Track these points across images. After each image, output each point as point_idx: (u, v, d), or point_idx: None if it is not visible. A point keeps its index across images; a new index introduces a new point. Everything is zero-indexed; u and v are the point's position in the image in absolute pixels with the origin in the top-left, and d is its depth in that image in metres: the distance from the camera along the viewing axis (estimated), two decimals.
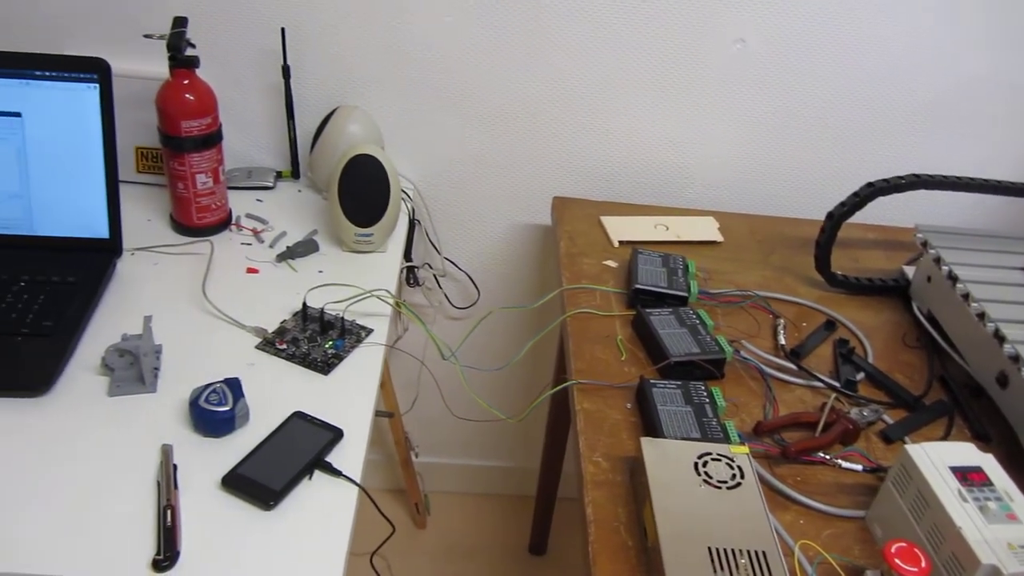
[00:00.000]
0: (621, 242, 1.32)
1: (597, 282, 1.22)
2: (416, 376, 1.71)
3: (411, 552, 1.81)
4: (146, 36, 1.17)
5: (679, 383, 0.99)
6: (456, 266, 1.57)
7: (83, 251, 1.15)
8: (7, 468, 0.86)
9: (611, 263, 1.27)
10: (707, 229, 1.37)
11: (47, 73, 1.10)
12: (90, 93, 1.11)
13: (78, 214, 1.15)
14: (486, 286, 1.61)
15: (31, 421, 0.92)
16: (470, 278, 1.59)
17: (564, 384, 1.05)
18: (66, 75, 1.10)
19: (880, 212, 1.41)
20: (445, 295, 1.61)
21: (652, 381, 0.99)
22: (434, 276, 1.58)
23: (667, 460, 0.85)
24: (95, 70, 1.10)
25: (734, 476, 0.84)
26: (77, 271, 1.11)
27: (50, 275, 1.09)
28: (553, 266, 1.59)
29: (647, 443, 0.87)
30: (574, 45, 1.35)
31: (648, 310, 1.11)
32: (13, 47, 1.28)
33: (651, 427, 0.94)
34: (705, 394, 0.98)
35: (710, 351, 1.04)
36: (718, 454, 0.86)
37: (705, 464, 0.85)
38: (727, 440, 0.91)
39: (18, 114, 1.11)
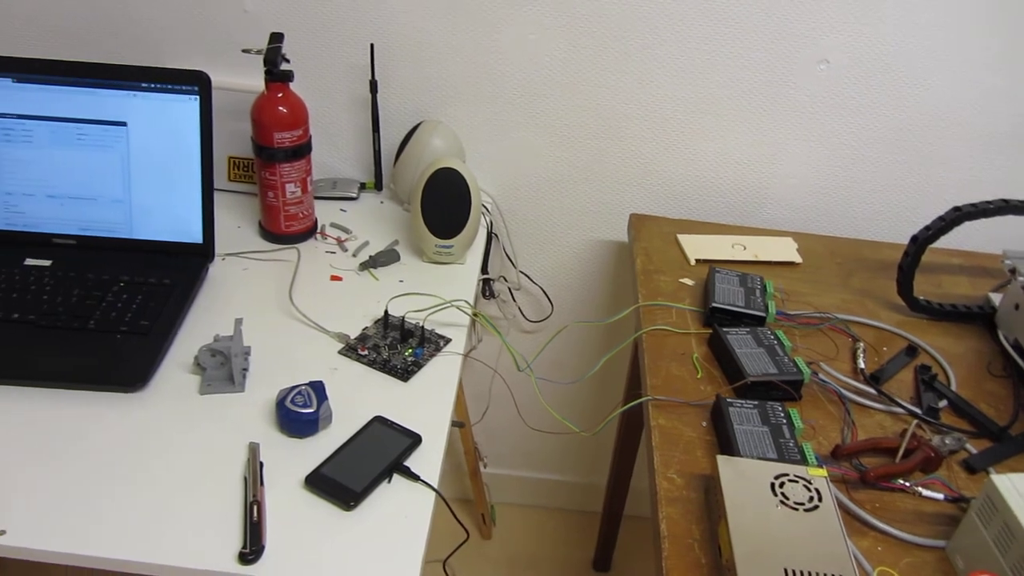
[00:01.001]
0: (698, 260, 1.32)
1: (673, 299, 1.22)
2: (487, 387, 1.73)
3: (476, 561, 1.82)
4: (244, 51, 1.22)
5: (756, 403, 0.98)
6: (531, 280, 1.59)
7: (178, 255, 1.20)
8: (105, 458, 0.91)
9: (687, 281, 1.27)
10: (785, 249, 1.36)
11: (152, 85, 1.16)
12: (191, 104, 1.16)
13: (175, 220, 1.20)
14: (559, 300, 1.62)
15: (128, 414, 0.97)
16: (544, 292, 1.61)
17: (639, 400, 1.05)
18: (169, 87, 1.16)
19: (964, 237, 1.38)
20: (519, 308, 1.62)
21: (728, 400, 0.99)
22: (509, 289, 1.60)
23: (743, 479, 0.85)
24: (196, 82, 1.16)
25: (811, 499, 0.83)
26: (172, 274, 1.16)
27: (147, 277, 1.15)
28: (628, 283, 1.59)
29: (723, 461, 0.87)
30: (657, 65, 1.36)
31: (725, 329, 1.11)
32: (120, 60, 1.36)
33: (727, 446, 0.94)
34: (782, 415, 0.97)
35: (788, 372, 1.04)
36: (796, 475, 0.86)
37: (782, 485, 0.84)
38: (804, 462, 0.91)
39: (123, 123, 1.17)
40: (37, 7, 1.40)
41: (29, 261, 1.17)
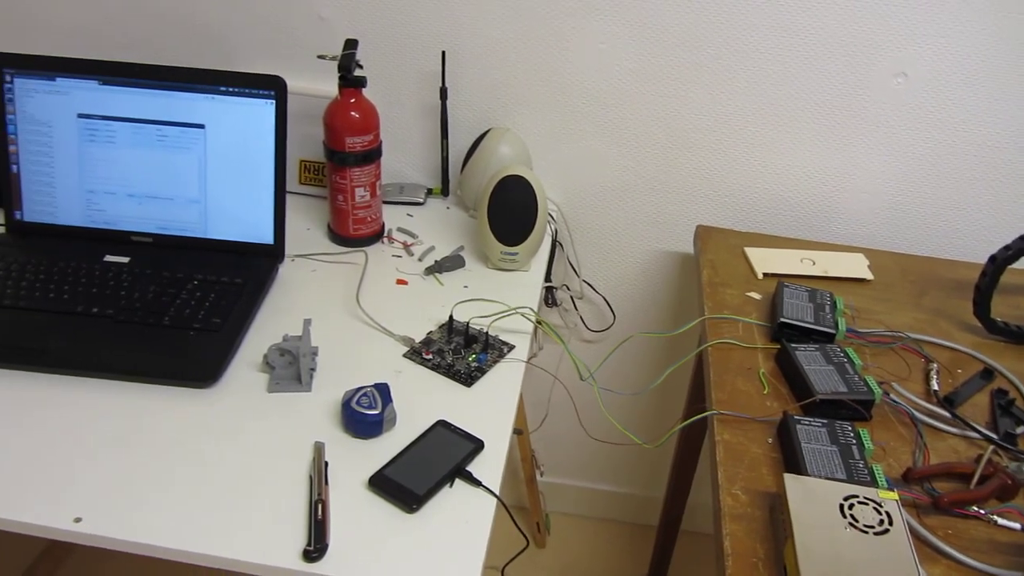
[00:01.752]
0: (765, 274, 1.30)
1: (740, 313, 1.20)
2: (546, 395, 1.73)
3: (530, 570, 1.82)
4: (320, 57, 1.25)
5: (824, 421, 0.96)
6: (593, 289, 1.59)
7: (249, 255, 1.23)
8: (176, 451, 0.93)
9: (755, 295, 1.25)
10: (856, 266, 1.33)
11: (230, 89, 1.19)
12: (267, 108, 1.19)
13: (247, 220, 1.23)
14: (622, 310, 1.61)
15: (199, 410, 0.99)
16: (606, 301, 1.60)
17: (704, 414, 1.04)
18: (247, 91, 1.19)
19: None
20: (580, 317, 1.62)
21: (796, 417, 0.97)
22: (571, 297, 1.59)
23: (811, 499, 0.83)
24: (273, 87, 1.18)
25: (882, 522, 0.81)
26: (243, 273, 1.19)
27: (220, 276, 1.17)
28: (691, 295, 1.58)
29: (790, 480, 0.85)
30: (728, 76, 1.34)
31: (793, 345, 1.09)
32: (197, 64, 1.39)
33: (794, 464, 0.92)
34: (852, 435, 0.95)
35: (858, 391, 1.01)
36: (865, 497, 0.83)
37: (851, 507, 0.82)
38: (875, 484, 0.88)
39: (202, 126, 1.20)
40: (118, 12, 1.44)
41: (108, 257, 1.20)
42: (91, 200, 1.23)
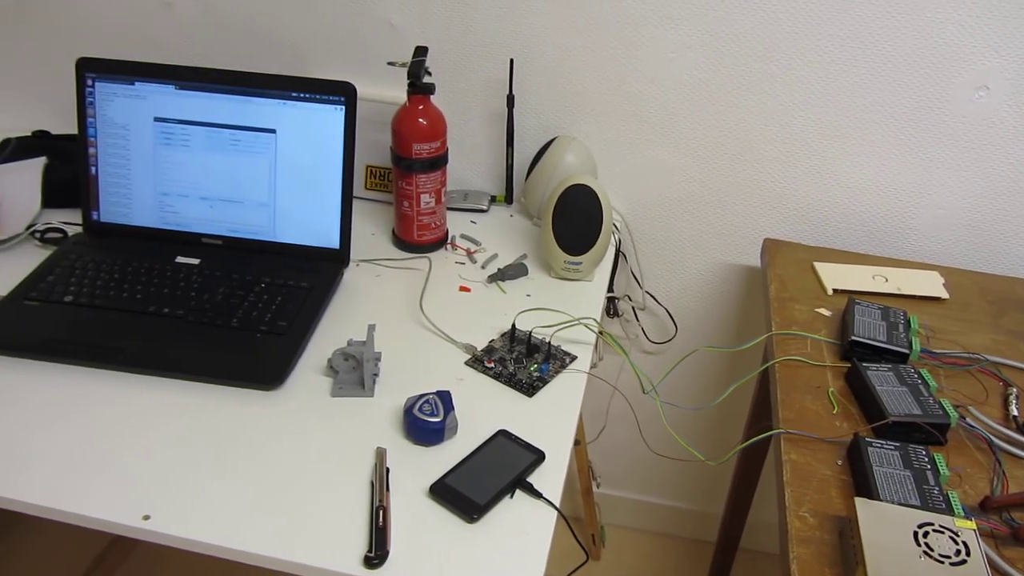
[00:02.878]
0: (835, 290, 1.26)
1: (808, 329, 1.17)
2: (604, 406, 1.72)
3: None
4: (390, 63, 1.26)
5: (897, 444, 0.93)
6: (656, 300, 1.57)
7: (315, 259, 1.24)
8: (240, 451, 0.94)
9: (824, 311, 1.22)
10: (931, 284, 1.29)
11: (301, 95, 1.20)
12: (337, 114, 1.20)
13: (314, 225, 1.24)
14: (684, 323, 1.59)
15: (263, 411, 1.00)
16: (669, 313, 1.58)
17: (771, 432, 1.01)
18: (317, 97, 1.20)
19: None
20: (642, 328, 1.60)
21: (868, 439, 0.94)
22: (633, 308, 1.58)
23: (883, 525, 0.80)
24: (343, 93, 1.19)
25: (958, 552, 0.78)
26: (309, 277, 1.20)
27: (287, 279, 1.19)
28: (756, 309, 1.54)
29: (862, 504, 0.82)
30: (802, 87, 1.31)
31: (865, 364, 1.06)
32: (268, 69, 1.42)
33: (864, 487, 0.89)
34: (926, 459, 0.92)
35: (933, 414, 0.98)
36: (941, 526, 0.80)
37: (926, 535, 0.79)
38: (950, 512, 0.85)
39: (273, 131, 1.22)
40: (192, 20, 1.48)
41: (180, 259, 1.23)
42: (164, 202, 1.26)
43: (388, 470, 0.92)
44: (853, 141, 1.34)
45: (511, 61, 1.36)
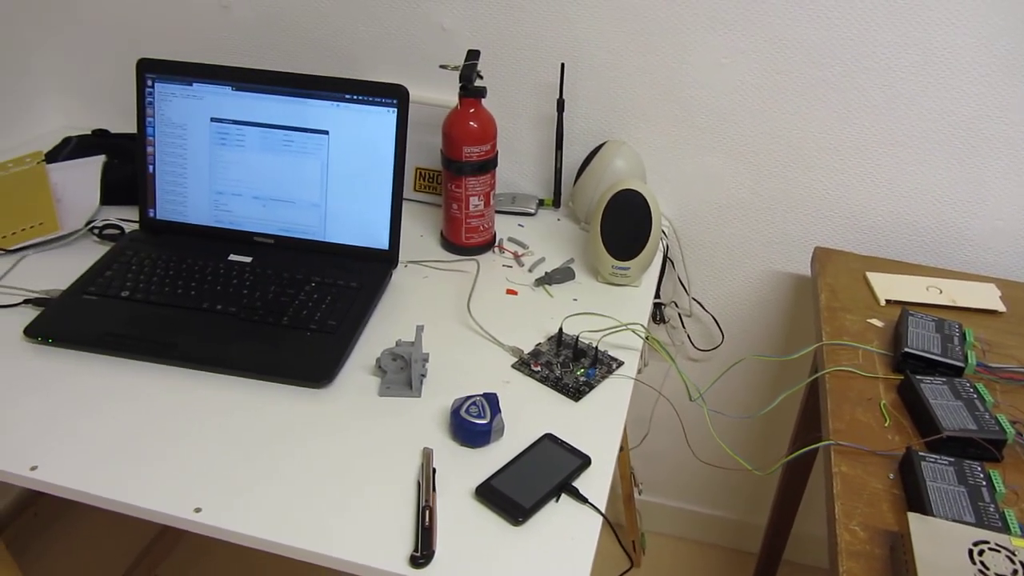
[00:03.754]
0: (888, 301, 1.24)
1: (860, 340, 1.15)
2: (647, 412, 1.71)
3: None
4: (442, 66, 1.26)
5: (952, 459, 0.91)
6: (703, 307, 1.56)
7: (364, 259, 1.25)
8: (289, 448, 0.96)
9: (876, 322, 1.20)
10: (987, 296, 1.26)
11: (354, 97, 1.22)
12: (389, 116, 1.21)
13: (364, 225, 1.25)
14: (731, 331, 1.57)
15: (313, 409, 1.01)
16: (715, 321, 1.57)
17: (821, 444, 1.00)
18: (370, 99, 1.21)
19: None
20: (688, 335, 1.59)
21: (921, 454, 0.92)
22: (679, 315, 1.57)
23: (937, 542, 0.79)
24: (396, 95, 1.20)
25: (1015, 572, 0.76)
26: (358, 277, 1.21)
27: (336, 279, 1.20)
28: (805, 318, 1.52)
29: (915, 520, 0.81)
30: (857, 94, 1.29)
31: (918, 377, 1.04)
32: (320, 71, 1.44)
33: (918, 503, 0.87)
34: (981, 476, 0.89)
35: (989, 429, 0.96)
36: (997, 544, 0.79)
37: (981, 553, 0.78)
38: (1007, 530, 0.83)
39: (326, 132, 1.23)
40: (248, 20, 1.50)
41: (233, 257, 1.25)
42: (219, 201, 1.28)
43: (434, 470, 0.93)
44: (909, 149, 1.32)
45: (562, 65, 1.36)
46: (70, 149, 1.53)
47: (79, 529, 1.84)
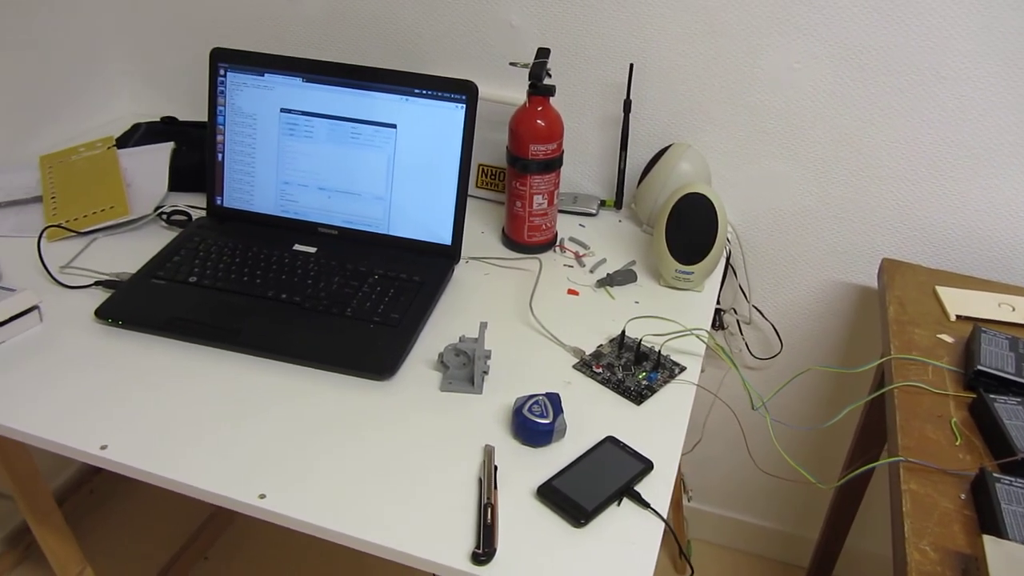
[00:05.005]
0: (959, 316, 1.21)
1: (930, 356, 1.13)
2: (701, 419, 1.69)
3: None
4: (511, 64, 1.26)
5: None
6: (762, 315, 1.53)
7: (427, 254, 1.25)
8: (352, 439, 0.96)
9: (946, 337, 1.17)
10: None
11: (424, 91, 1.22)
12: (457, 112, 1.21)
13: (427, 220, 1.25)
14: (790, 340, 1.55)
15: (375, 401, 1.02)
16: (775, 329, 1.54)
17: (890, 460, 0.98)
18: (439, 94, 1.21)
19: None
20: (746, 343, 1.57)
21: (995, 475, 0.90)
22: (738, 322, 1.55)
23: (1015, 567, 0.76)
24: (465, 91, 1.20)
25: None
26: (421, 271, 1.21)
27: (399, 272, 1.21)
28: (869, 331, 1.49)
29: (991, 543, 0.79)
30: (933, 103, 1.26)
31: (992, 396, 1.01)
32: (388, 65, 1.44)
33: (992, 525, 0.85)
34: None
35: None
36: None
37: None
38: None
39: (393, 126, 1.24)
40: (318, 12, 1.51)
41: (297, 247, 1.26)
42: (285, 191, 1.29)
43: (496, 468, 0.92)
44: (984, 162, 1.29)
45: (631, 66, 1.35)
46: (140, 135, 1.56)
47: (132, 508, 1.88)
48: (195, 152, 1.48)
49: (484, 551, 0.82)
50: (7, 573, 1.70)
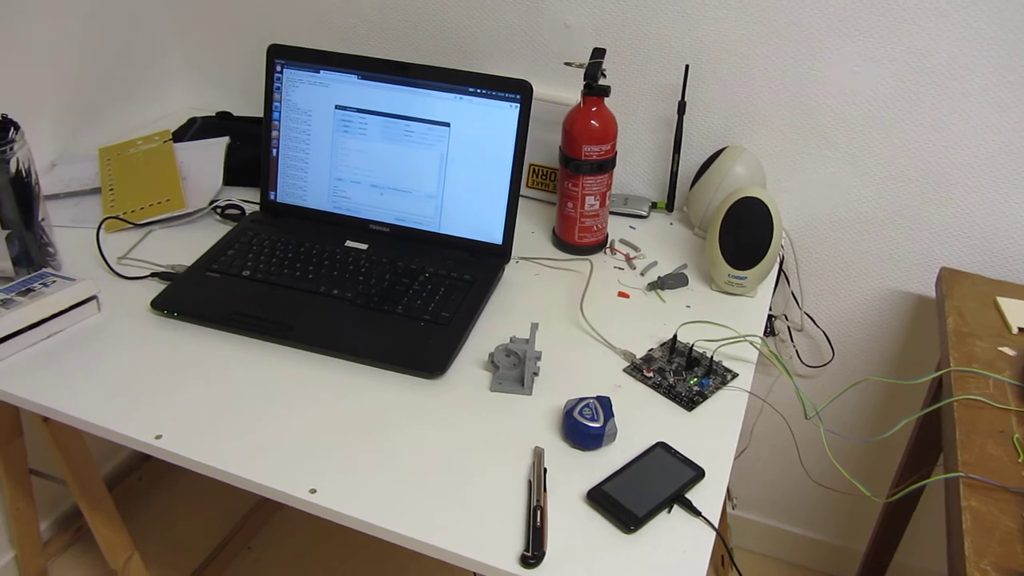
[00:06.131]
0: (1021, 329, 1.18)
1: (991, 369, 1.10)
2: (748, 426, 1.67)
3: None
4: (567, 64, 1.26)
5: None
6: (814, 322, 1.51)
7: (477, 253, 1.25)
8: (401, 437, 0.96)
9: (1008, 350, 1.14)
10: None
11: (478, 90, 1.22)
12: (511, 111, 1.21)
13: (479, 219, 1.25)
14: (842, 348, 1.52)
15: (425, 399, 1.02)
16: (827, 337, 1.51)
17: (949, 475, 0.95)
18: (493, 93, 1.21)
19: None
20: (796, 350, 1.54)
21: None
22: (788, 328, 1.52)
23: None
24: (520, 91, 1.20)
25: None
26: (471, 270, 1.21)
27: (450, 271, 1.21)
28: (925, 341, 1.46)
29: None
30: (998, 109, 1.23)
31: None
32: (441, 63, 1.44)
33: None
34: None
35: None
36: None
37: None
38: None
39: (447, 124, 1.24)
40: (373, 10, 1.52)
41: (349, 243, 1.27)
42: (338, 187, 1.30)
43: (545, 470, 0.92)
44: None
45: (686, 67, 1.34)
46: (195, 130, 1.58)
47: (177, 497, 1.90)
48: (249, 147, 1.50)
49: (533, 554, 0.82)
50: (57, 555, 1.73)
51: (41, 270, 1.17)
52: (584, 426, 0.94)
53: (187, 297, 1.15)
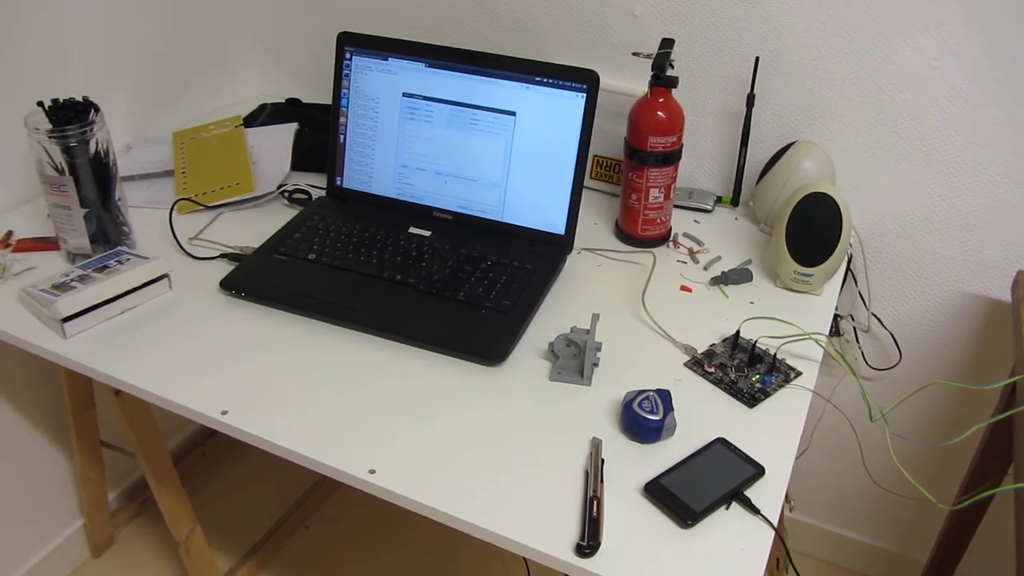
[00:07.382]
0: None
1: None
2: (809, 427, 1.64)
3: None
4: (634, 54, 1.25)
5: None
6: (881, 323, 1.47)
7: (539, 243, 1.25)
8: (461, 422, 0.97)
9: None
10: None
11: (544, 80, 1.21)
12: (577, 101, 1.21)
13: (541, 209, 1.25)
14: (909, 351, 1.48)
15: (484, 386, 1.03)
16: (894, 339, 1.48)
17: (1021, 485, 0.93)
18: (560, 83, 1.21)
19: None
20: (861, 351, 1.51)
21: None
22: (854, 329, 1.49)
23: None
24: (586, 81, 1.20)
25: None
26: (533, 260, 1.21)
27: (512, 259, 1.21)
28: (998, 346, 1.41)
29: None
30: None
31: None
32: (507, 52, 1.44)
33: None
34: None
35: None
36: None
37: None
38: None
39: (513, 113, 1.24)
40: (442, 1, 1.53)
41: (412, 229, 1.28)
42: (403, 174, 1.31)
43: (603, 461, 0.92)
44: None
45: (756, 60, 1.32)
46: (265, 115, 1.61)
47: (239, 474, 1.95)
48: (316, 133, 1.52)
49: (589, 544, 0.82)
50: (124, 525, 1.79)
51: (116, 248, 1.21)
52: (643, 418, 0.93)
53: (254, 278, 1.17)
